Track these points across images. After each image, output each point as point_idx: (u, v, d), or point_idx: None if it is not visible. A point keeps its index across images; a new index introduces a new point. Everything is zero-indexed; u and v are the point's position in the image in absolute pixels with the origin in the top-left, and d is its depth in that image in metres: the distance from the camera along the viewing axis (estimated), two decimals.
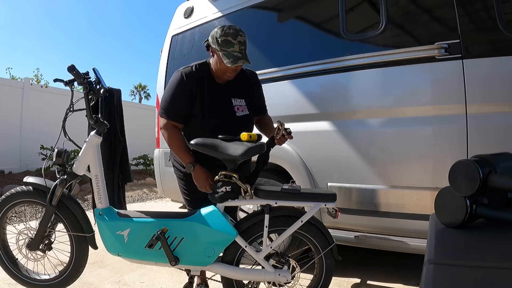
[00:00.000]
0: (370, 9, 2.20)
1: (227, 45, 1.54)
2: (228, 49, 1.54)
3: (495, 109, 1.68)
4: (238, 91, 1.74)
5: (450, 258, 0.67)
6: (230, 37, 1.54)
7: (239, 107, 1.73)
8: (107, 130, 1.72)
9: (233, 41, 1.54)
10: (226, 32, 1.55)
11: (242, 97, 1.74)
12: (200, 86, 1.66)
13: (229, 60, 1.54)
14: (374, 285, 2.14)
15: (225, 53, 1.55)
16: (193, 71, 1.67)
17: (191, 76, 1.65)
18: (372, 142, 2.00)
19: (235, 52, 1.54)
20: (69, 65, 1.60)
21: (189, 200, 1.83)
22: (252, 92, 1.80)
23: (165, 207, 5.02)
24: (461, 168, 0.81)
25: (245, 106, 1.74)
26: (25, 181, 1.77)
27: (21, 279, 1.81)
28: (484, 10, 1.76)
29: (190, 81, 1.64)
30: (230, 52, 1.54)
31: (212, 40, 1.60)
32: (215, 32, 1.59)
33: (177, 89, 1.65)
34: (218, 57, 1.59)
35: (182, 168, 1.76)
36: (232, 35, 1.55)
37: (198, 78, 1.66)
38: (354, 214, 2.03)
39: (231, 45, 1.54)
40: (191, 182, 1.76)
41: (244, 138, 1.52)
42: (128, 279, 2.29)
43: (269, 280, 1.56)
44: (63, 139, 1.72)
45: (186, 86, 1.64)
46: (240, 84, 1.74)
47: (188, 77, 1.64)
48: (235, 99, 1.72)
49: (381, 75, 1.98)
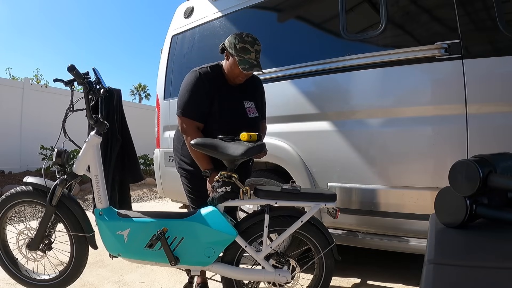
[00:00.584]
0: (370, 9, 2.20)
1: (245, 52, 1.62)
2: (245, 56, 1.62)
3: (495, 109, 1.68)
4: (249, 94, 1.82)
5: (450, 258, 0.67)
6: (248, 45, 1.62)
7: (250, 109, 1.80)
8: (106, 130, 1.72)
9: (251, 49, 1.62)
10: (244, 39, 1.63)
11: (252, 100, 1.82)
12: (215, 86, 1.71)
13: (244, 67, 1.61)
14: (374, 285, 2.14)
15: (241, 59, 1.62)
16: (209, 71, 1.73)
17: (208, 75, 1.70)
18: (372, 142, 2.00)
19: (251, 59, 1.62)
20: (69, 65, 1.60)
21: (193, 198, 1.84)
22: (259, 96, 1.89)
23: (165, 207, 5.03)
24: (461, 168, 0.81)
25: (255, 109, 1.82)
26: (25, 181, 1.77)
27: (21, 279, 1.81)
28: (484, 10, 1.76)
29: (208, 80, 1.70)
30: (246, 59, 1.62)
31: (229, 45, 1.66)
32: (234, 38, 1.65)
33: (195, 87, 1.69)
34: (233, 62, 1.66)
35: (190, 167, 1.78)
36: (250, 43, 1.63)
37: (214, 78, 1.71)
38: (354, 214, 2.04)
39: (248, 53, 1.62)
40: (195, 181, 1.78)
41: (244, 138, 1.52)
42: (128, 279, 2.29)
43: (269, 280, 1.56)
44: (63, 139, 1.72)
45: (205, 84, 1.68)
46: (250, 87, 1.83)
47: (206, 76, 1.70)
48: (246, 102, 1.79)
49: (381, 75, 1.98)
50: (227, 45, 1.67)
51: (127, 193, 2.03)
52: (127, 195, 2.02)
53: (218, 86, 1.71)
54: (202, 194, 1.75)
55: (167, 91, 3.08)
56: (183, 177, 1.85)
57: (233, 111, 1.73)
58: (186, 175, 1.83)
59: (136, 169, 2.00)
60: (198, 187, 1.78)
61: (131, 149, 1.98)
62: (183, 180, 1.86)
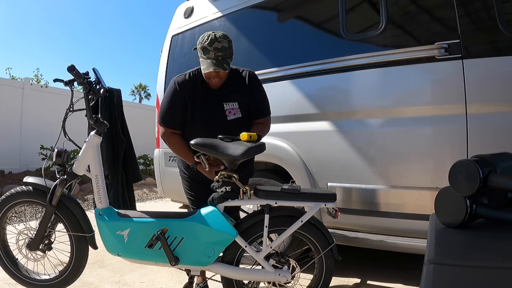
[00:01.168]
0: (370, 9, 2.20)
1: (205, 52, 1.60)
2: (205, 56, 1.59)
3: (495, 109, 1.68)
4: (231, 95, 1.74)
5: (450, 258, 0.67)
6: (206, 44, 1.59)
7: (231, 110, 1.73)
8: (108, 131, 1.72)
9: (209, 48, 1.58)
10: (204, 39, 1.60)
11: (235, 100, 1.74)
12: (193, 93, 1.70)
13: (203, 67, 1.60)
14: (374, 285, 2.14)
15: (202, 60, 1.61)
16: (186, 79, 1.72)
17: (183, 84, 1.71)
18: (372, 142, 2.00)
19: (210, 59, 1.58)
20: (69, 65, 1.60)
21: (192, 200, 1.86)
22: (248, 93, 1.77)
23: (165, 207, 5.02)
24: (461, 168, 0.81)
25: (238, 109, 1.74)
26: (25, 181, 1.77)
27: (21, 279, 1.81)
28: (484, 10, 1.76)
29: (182, 88, 1.70)
30: (206, 59, 1.59)
31: (196, 48, 1.66)
32: (198, 39, 1.64)
33: (171, 97, 1.71)
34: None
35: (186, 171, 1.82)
36: (209, 42, 1.58)
37: (191, 85, 1.70)
38: (354, 214, 2.03)
39: (207, 52, 1.59)
40: (194, 182, 1.81)
41: (244, 138, 1.52)
42: (128, 279, 2.29)
43: (269, 280, 1.56)
44: (63, 139, 1.72)
45: (179, 94, 1.69)
46: (233, 87, 1.75)
47: (181, 85, 1.70)
48: (227, 103, 1.73)
49: (381, 75, 1.98)
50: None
51: (132, 193, 2.03)
52: (131, 195, 2.02)
53: (195, 92, 1.71)
54: (201, 196, 1.77)
55: None
56: (183, 179, 1.89)
57: (209, 115, 1.71)
58: (186, 177, 1.86)
59: (135, 169, 2.00)
60: (197, 188, 1.82)
61: (130, 149, 1.99)
62: (183, 181, 1.89)
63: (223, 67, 1.59)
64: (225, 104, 1.73)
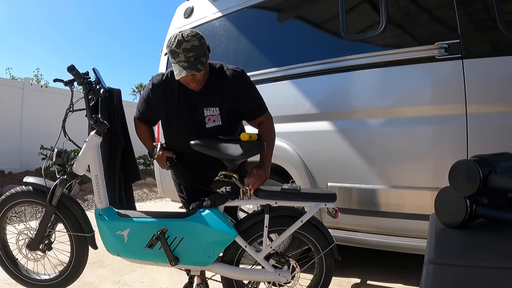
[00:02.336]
0: (370, 9, 2.20)
1: (173, 55, 1.45)
2: (175, 60, 1.45)
3: (495, 109, 1.68)
4: (212, 99, 1.59)
5: (450, 258, 0.67)
6: (174, 47, 1.44)
7: (211, 117, 1.59)
8: (107, 130, 1.72)
9: (177, 50, 1.43)
10: (171, 42, 1.45)
11: (216, 105, 1.59)
12: (169, 95, 1.61)
13: (176, 72, 1.45)
14: (374, 285, 2.14)
15: (174, 65, 1.46)
16: (162, 80, 1.63)
17: (158, 85, 1.64)
18: (372, 142, 2.00)
19: (180, 62, 1.43)
20: (69, 65, 1.60)
21: (184, 202, 1.87)
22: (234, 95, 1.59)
23: (165, 207, 5.02)
24: (461, 168, 0.81)
25: (219, 116, 1.60)
26: (25, 181, 1.77)
27: (21, 279, 1.81)
28: (484, 10, 1.76)
29: (156, 90, 1.64)
30: (176, 63, 1.45)
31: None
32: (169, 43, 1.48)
33: (144, 95, 1.70)
34: None
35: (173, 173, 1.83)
36: (176, 44, 1.44)
37: (167, 87, 1.61)
38: (354, 214, 2.03)
39: (176, 55, 1.44)
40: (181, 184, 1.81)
41: (244, 138, 1.52)
42: (128, 279, 2.29)
43: (269, 280, 1.56)
44: (63, 139, 1.72)
45: (151, 94, 1.66)
46: (215, 90, 1.58)
47: (155, 86, 1.65)
48: (207, 109, 1.59)
49: (381, 75, 1.98)
50: None
51: (131, 194, 2.03)
52: (131, 195, 2.02)
53: (171, 94, 1.60)
54: (192, 196, 1.76)
55: None
56: (173, 179, 1.88)
57: (186, 122, 1.61)
58: (174, 178, 1.86)
59: (134, 169, 2.00)
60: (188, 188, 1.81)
61: (130, 149, 1.98)
62: (174, 182, 1.89)
63: (196, 68, 1.42)
64: (205, 110, 1.59)
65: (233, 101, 1.60)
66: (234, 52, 2.63)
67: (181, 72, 1.42)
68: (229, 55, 2.64)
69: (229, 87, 1.59)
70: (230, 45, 2.67)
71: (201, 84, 1.55)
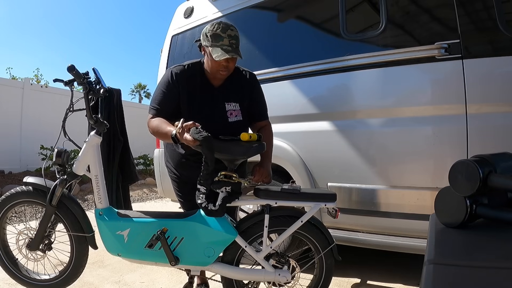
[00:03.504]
0: (370, 9, 2.20)
1: (217, 39, 1.49)
2: (217, 43, 1.49)
3: (495, 109, 1.68)
4: (233, 95, 1.65)
5: (450, 258, 0.67)
6: (219, 31, 1.49)
7: (232, 112, 1.64)
8: (106, 130, 1.72)
9: (223, 34, 1.49)
10: (215, 27, 1.51)
11: (236, 101, 1.66)
12: (190, 87, 1.60)
13: (217, 54, 1.47)
14: (374, 285, 2.14)
15: (214, 47, 1.49)
16: (184, 70, 1.61)
17: (179, 75, 1.60)
18: (372, 142, 2.00)
19: (224, 45, 1.48)
20: (69, 65, 1.60)
21: (182, 202, 1.83)
22: (249, 95, 1.70)
23: (165, 207, 5.03)
24: (461, 168, 0.81)
25: (239, 111, 1.66)
26: (25, 181, 1.77)
27: (21, 279, 1.81)
28: (484, 10, 1.76)
29: (178, 79, 1.59)
30: (219, 46, 1.48)
31: (202, 37, 1.55)
32: (206, 28, 1.54)
33: (164, 87, 1.60)
34: (208, 54, 1.54)
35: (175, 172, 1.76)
36: (222, 29, 1.50)
37: (189, 78, 1.61)
38: (354, 214, 2.03)
39: (220, 39, 1.49)
40: (184, 184, 1.76)
41: (244, 138, 1.52)
42: (128, 279, 2.29)
43: (269, 280, 1.56)
44: (63, 139, 1.72)
45: (174, 85, 1.59)
46: (235, 87, 1.66)
47: (177, 76, 1.60)
48: (228, 103, 1.64)
49: (381, 75, 1.98)
50: (201, 38, 1.56)
51: (128, 194, 2.03)
52: (127, 196, 2.02)
53: (192, 85, 1.60)
54: (190, 198, 1.71)
55: None
56: (172, 180, 1.82)
57: (209, 114, 1.60)
58: (175, 178, 1.79)
59: (131, 170, 2.00)
60: (185, 191, 1.76)
61: (127, 150, 1.98)
62: (173, 183, 1.82)
63: (239, 54, 1.50)
64: (227, 105, 1.63)
65: (248, 100, 1.69)
66: None
67: (224, 54, 1.47)
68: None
69: (246, 86, 1.69)
70: None
71: (227, 74, 1.60)
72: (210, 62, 1.54)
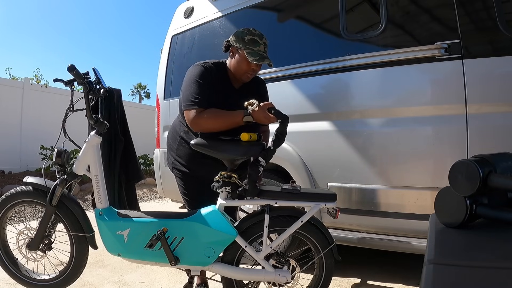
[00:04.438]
0: (370, 9, 2.20)
1: (254, 44, 1.59)
2: (254, 48, 1.58)
3: (495, 109, 1.68)
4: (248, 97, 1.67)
5: (450, 258, 0.67)
6: (256, 37, 1.60)
7: None
8: (107, 130, 1.72)
9: (260, 41, 1.60)
10: (252, 32, 1.61)
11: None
12: (215, 84, 1.64)
13: (254, 58, 1.56)
14: (374, 285, 2.14)
15: (251, 51, 1.57)
16: (213, 67, 1.67)
17: (210, 71, 1.64)
18: (372, 142, 2.00)
19: (260, 51, 1.59)
20: (69, 65, 1.60)
21: (188, 200, 1.82)
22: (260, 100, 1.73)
23: (165, 207, 5.03)
24: (461, 168, 0.81)
25: None
26: (25, 181, 1.77)
27: (21, 279, 1.81)
28: (484, 10, 1.76)
29: (210, 72, 1.64)
30: (256, 51, 1.58)
31: (236, 39, 1.62)
32: (240, 32, 1.62)
33: (200, 78, 1.60)
34: (241, 56, 1.61)
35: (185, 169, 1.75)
36: (258, 36, 1.61)
37: (213, 76, 1.65)
38: (354, 214, 2.03)
39: (258, 45, 1.59)
40: (190, 183, 1.76)
41: (244, 138, 1.52)
42: (128, 279, 2.29)
43: (269, 280, 1.56)
44: (63, 139, 1.72)
45: (209, 75, 1.62)
46: (251, 90, 1.74)
47: (207, 69, 1.64)
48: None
49: (381, 75, 1.98)
50: (232, 40, 1.63)
51: (134, 193, 2.02)
52: (133, 195, 2.02)
53: (217, 84, 1.65)
54: (197, 196, 1.73)
55: (167, 91, 3.08)
56: (178, 177, 1.81)
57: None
58: (181, 176, 1.78)
59: (136, 169, 2.00)
60: (193, 188, 1.76)
61: (131, 149, 1.99)
62: (178, 181, 1.82)
63: (270, 60, 1.61)
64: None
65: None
66: None
67: (261, 59, 1.57)
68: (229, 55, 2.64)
69: (259, 90, 1.80)
70: None
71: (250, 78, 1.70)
72: (241, 64, 1.62)
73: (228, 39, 1.66)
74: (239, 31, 1.63)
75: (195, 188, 1.76)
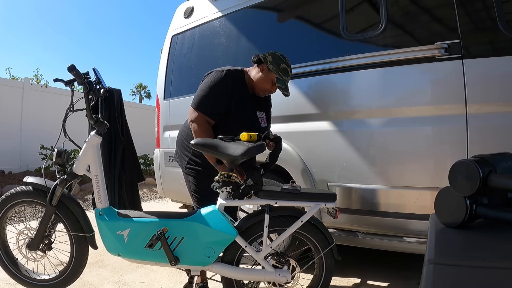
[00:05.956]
0: (370, 9, 2.20)
1: (285, 74, 1.74)
2: (284, 77, 1.74)
3: (495, 109, 1.68)
4: (262, 105, 1.91)
5: (450, 258, 0.67)
6: (289, 69, 1.77)
7: (262, 119, 1.88)
8: (107, 130, 1.72)
9: (289, 73, 1.78)
10: (287, 62, 1.77)
11: (263, 111, 1.91)
12: (236, 91, 1.74)
13: (281, 86, 1.74)
14: (374, 285, 2.14)
15: (280, 79, 1.73)
16: (235, 75, 1.76)
17: (233, 79, 1.74)
18: (372, 142, 2.00)
19: (286, 82, 1.75)
20: (69, 65, 1.60)
21: (198, 198, 1.83)
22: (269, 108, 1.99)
23: (165, 207, 5.03)
24: (461, 168, 0.81)
25: (265, 118, 1.90)
26: (25, 181, 1.77)
27: (21, 279, 1.81)
28: (484, 10, 1.76)
29: (232, 82, 1.73)
30: (284, 80, 1.74)
31: (271, 61, 1.74)
32: (278, 57, 1.75)
33: (218, 86, 1.71)
34: (268, 77, 1.76)
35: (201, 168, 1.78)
36: (290, 68, 1.77)
37: (237, 82, 1.77)
38: (354, 214, 2.03)
39: (287, 75, 1.76)
40: (204, 181, 1.76)
41: (244, 138, 1.52)
42: (128, 279, 2.29)
43: (269, 280, 1.56)
44: (63, 139, 1.72)
45: (228, 85, 1.72)
46: (264, 99, 1.92)
47: (231, 78, 1.74)
48: (259, 112, 1.87)
49: (381, 75, 1.98)
50: (268, 59, 1.74)
51: (137, 194, 2.02)
52: (136, 195, 2.02)
53: (238, 90, 1.76)
54: (208, 195, 1.74)
55: (167, 91, 3.08)
56: (191, 176, 1.82)
57: (247, 118, 1.78)
58: (195, 174, 1.81)
59: (137, 169, 2.00)
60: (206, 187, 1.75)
61: (132, 149, 1.99)
62: (191, 179, 1.83)
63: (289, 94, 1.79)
64: (258, 112, 1.86)
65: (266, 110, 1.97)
66: (234, 52, 2.63)
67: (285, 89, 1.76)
68: (229, 55, 2.64)
69: (268, 99, 1.99)
70: (230, 45, 2.67)
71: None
72: (266, 83, 1.77)
73: (264, 56, 1.76)
74: (277, 55, 1.76)
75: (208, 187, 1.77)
